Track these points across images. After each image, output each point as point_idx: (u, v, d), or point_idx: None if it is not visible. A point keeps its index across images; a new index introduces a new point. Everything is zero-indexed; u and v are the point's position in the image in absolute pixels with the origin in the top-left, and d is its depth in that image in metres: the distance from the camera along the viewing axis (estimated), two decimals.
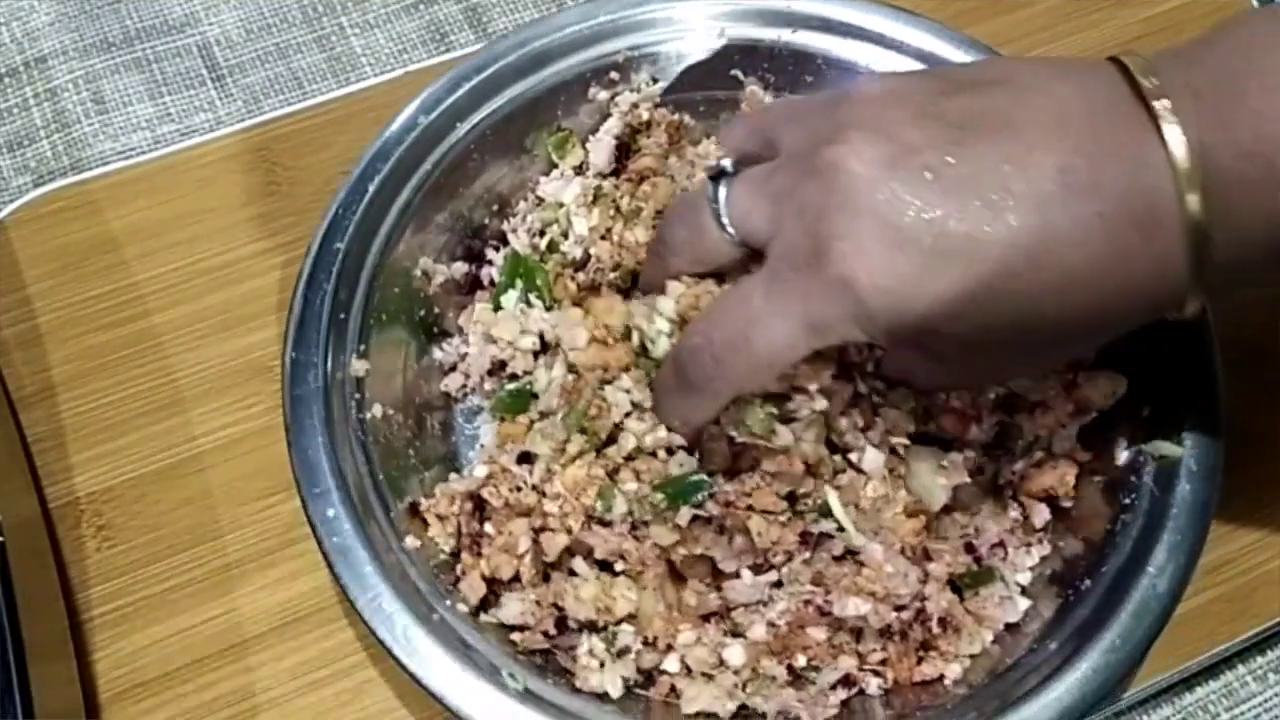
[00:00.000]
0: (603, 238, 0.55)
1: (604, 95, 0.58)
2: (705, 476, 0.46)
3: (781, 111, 0.49)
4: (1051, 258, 0.37)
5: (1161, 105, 0.36)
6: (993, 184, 0.37)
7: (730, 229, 0.44)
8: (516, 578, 0.47)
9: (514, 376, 0.53)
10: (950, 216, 0.37)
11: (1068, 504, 0.50)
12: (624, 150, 0.58)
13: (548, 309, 0.54)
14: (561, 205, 0.56)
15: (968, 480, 0.49)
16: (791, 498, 0.46)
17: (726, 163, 0.46)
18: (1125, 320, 0.41)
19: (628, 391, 0.48)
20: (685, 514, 0.46)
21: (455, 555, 0.49)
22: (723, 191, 0.44)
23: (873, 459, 0.47)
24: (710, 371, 0.43)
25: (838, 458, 0.48)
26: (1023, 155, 0.37)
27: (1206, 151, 0.36)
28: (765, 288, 0.41)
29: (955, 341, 0.40)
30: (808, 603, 0.46)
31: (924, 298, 0.38)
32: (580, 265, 0.55)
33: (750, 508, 0.46)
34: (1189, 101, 0.36)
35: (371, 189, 0.52)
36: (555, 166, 0.58)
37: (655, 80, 0.58)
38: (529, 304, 0.54)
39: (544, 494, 0.47)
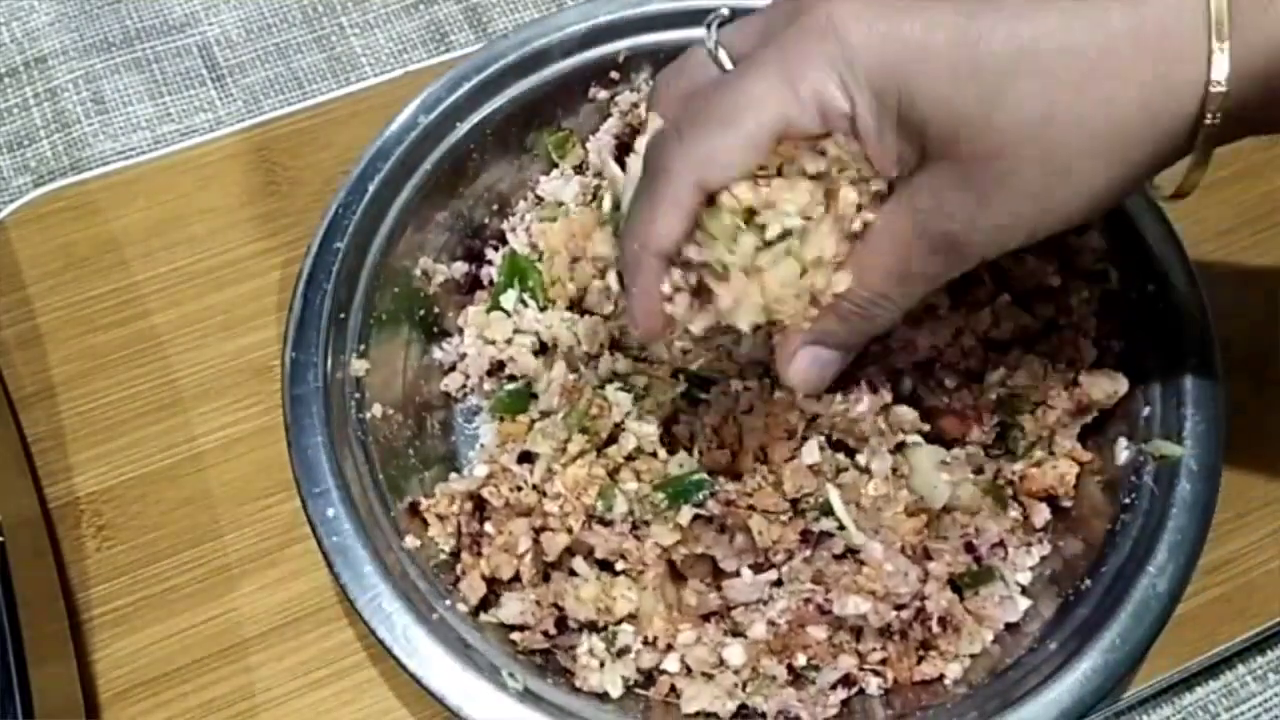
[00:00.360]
0: None
1: (604, 95, 0.58)
2: (706, 476, 0.47)
3: None
4: (1052, 23, 0.35)
5: None
6: None
7: (724, 55, 0.41)
8: (516, 578, 0.48)
9: (513, 377, 0.53)
10: None
11: (1068, 504, 0.50)
12: (624, 150, 0.58)
13: (541, 309, 0.54)
14: (561, 204, 0.57)
15: (970, 476, 0.49)
16: (794, 504, 0.47)
17: (725, 10, 0.43)
18: (1130, 137, 0.36)
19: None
20: (686, 513, 0.46)
21: (455, 555, 0.49)
22: (715, 29, 0.42)
23: (880, 457, 0.48)
24: (673, 151, 0.38)
25: (840, 456, 0.49)
26: None
27: None
28: (744, 63, 0.39)
29: (949, 123, 0.36)
30: (808, 601, 0.46)
31: (908, 35, 0.36)
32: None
33: (751, 507, 0.46)
34: None
35: (371, 189, 0.52)
36: (555, 166, 0.58)
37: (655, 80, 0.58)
38: (524, 304, 0.54)
39: (544, 494, 0.48)
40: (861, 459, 0.48)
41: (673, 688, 0.47)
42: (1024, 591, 0.49)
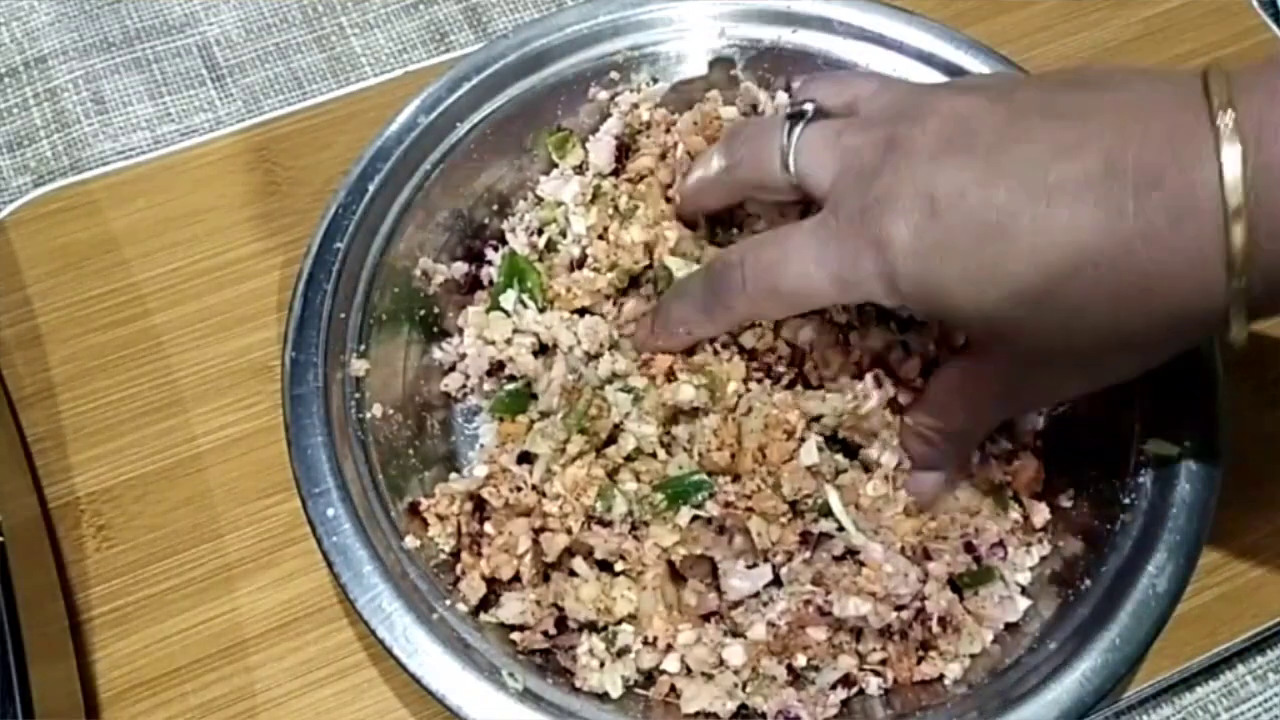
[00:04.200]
0: (600, 237, 0.55)
1: (604, 95, 0.58)
2: (705, 476, 0.46)
3: (872, 80, 0.50)
4: (1081, 246, 0.37)
5: (1226, 122, 0.35)
6: (1037, 170, 0.38)
7: (793, 171, 0.45)
8: (516, 578, 0.47)
9: (513, 377, 0.53)
10: (990, 197, 0.38)
11: (1068, 504, 0.50)
12: (624, 150, 0.58)
13: (541, 310, 0.54)
14: (560, 204, 0.57)
15: (973, 475, 0.49)
16: (793, 505, 0.46)
17: (809, 106, 0.46)
18: (1166, 330, 0.39)
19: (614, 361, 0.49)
20: (685, 514, 0.46)
21: (455, 555, 0.49)
22: (796, 134, 0.45)
23: (889, 451, 0.48)
24: (736, 289, 0.45)
25: (839, 457, 0.49)
26: (1072, 146, 0.38)
27: (1260, 175, 0.34)
28: (812, 232, 0.43)
29: (982, 328, 0.42)
30: (808, 602, 0.46)
31: (950, 269, 0.39)
32: (578, 264, 0.55)
33: (750, 508, 0.46)
34: (1256, 124, 0.35)
35: (371, 189, 0.52)
36: (555, 166, 0.58)
37: (655, 80, 0.58)
38: (524, 305, 0.54)
39: (544, 494, 0.48)
40: (872, 452, 0.48)
41: (673, 688, 0.47)
42: (1024, 591, 0.49)
